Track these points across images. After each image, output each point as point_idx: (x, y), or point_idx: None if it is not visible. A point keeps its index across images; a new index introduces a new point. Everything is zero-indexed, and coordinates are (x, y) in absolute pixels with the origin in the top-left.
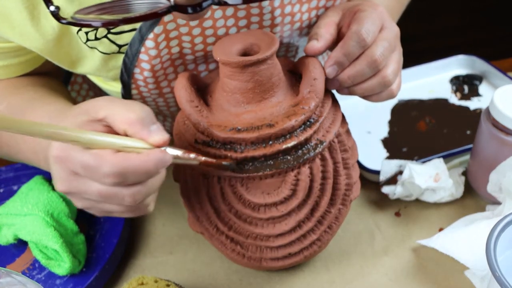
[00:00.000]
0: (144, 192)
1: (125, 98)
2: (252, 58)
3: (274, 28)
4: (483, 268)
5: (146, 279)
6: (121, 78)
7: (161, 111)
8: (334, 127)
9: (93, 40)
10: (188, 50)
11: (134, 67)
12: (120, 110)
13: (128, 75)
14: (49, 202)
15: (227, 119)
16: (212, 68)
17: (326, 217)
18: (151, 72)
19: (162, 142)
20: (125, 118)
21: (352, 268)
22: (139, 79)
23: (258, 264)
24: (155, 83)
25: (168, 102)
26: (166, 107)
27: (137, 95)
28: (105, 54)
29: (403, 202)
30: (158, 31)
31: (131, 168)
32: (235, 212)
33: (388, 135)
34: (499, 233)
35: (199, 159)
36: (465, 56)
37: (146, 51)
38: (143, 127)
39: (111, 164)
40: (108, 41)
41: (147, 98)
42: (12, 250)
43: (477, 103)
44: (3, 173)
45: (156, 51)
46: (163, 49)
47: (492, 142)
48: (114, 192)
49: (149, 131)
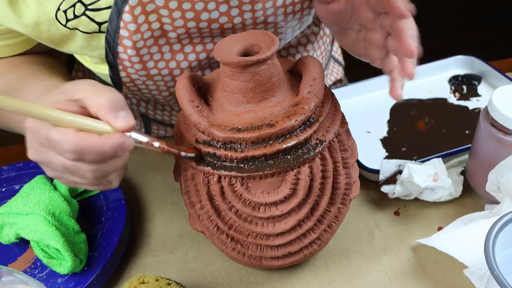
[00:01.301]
0: (104, 170)
1: (114, 81)
2: (252, 58)
3: (255, 5)
4: (482, 266)
5: (147, 278)
6: (107, 59)
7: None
8: (333, 126)
9: (73, 20)
10: (168, 26)
11: (117, 46)
12: (93, 94)
13: (113, 54)
14: (51, 202)
15: (228, 118)
16: (199, 50)
17: (326, 216)
18: (134, 50)
19: (127, 127)
20: (96, 101)
21: (352, 267)
22: (124, 58)
23: (258, 263)
24: (140, 62)
25: (158, 85)
26: (157, 91)
27: (126, 78)
28: (87, 34)
29: (403, 201)
30: (133, 3)
31: (88, 148)
32: (236, 211)
33: (388, 135)
34: (498, 232)
35: (162, 148)
36: (464, 57)
37: (125, 26)
38: (111, 112)
39: (71, 141)
40: (87, 19)
41: (137, 81)
42: (14, 249)
43: (476, 103)
44: (4, 173)
45: (135, 25)
46: (143, 24)
47: (491, 141)
48: (76, 167)
49: (116, 115)
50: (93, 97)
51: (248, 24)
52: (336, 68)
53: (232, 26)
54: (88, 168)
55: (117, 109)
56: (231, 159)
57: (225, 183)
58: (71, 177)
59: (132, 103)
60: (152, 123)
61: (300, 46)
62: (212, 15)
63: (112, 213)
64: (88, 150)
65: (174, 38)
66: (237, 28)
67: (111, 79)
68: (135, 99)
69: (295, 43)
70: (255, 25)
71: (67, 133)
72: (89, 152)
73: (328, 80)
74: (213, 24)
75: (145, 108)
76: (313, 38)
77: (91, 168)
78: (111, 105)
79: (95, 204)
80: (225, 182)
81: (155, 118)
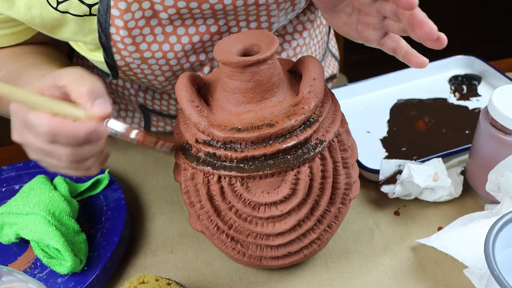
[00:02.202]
0: (79, 155)
1: (109, 65)
2: (252, 58)
3: None
4: (482, 266)
5: (147, 278)
6: (100, 41)
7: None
8: (333, 126)
9: (63, 2)
10: (159, 6)
11: (109, 26)
12: (75, 81)
13: (106, 36)
14: (51, 202)
15: (228, 118)
16: (192, 32)
17: (326, 216)
18: (126, 30)
19: (102, 114)
20: (77, 88)
21: (352, 267)
22: (117, 40)
23: (258, 262)
24: (133, 44)
25: (153, 69)
26: (153, 76)
27: (121, 61)
28: (78, 17)
29: (402, 201)
30: None
31: (61, 131)
32: (236, 211)
33: (388, 135)
34: (498, 231)
35: (138, 140)
36: (464, 57)
37: (116, 4)
38: (88, 99)
39: (46, 124)
40: (77, 1)
41: (132, 65)
42: (14, 249)
43: (476, 103)
44: (4, 172)
45: (126, 4)
46: (133, 3)
47: (491, 141)
48: (51, 150)
49: (93, 103)
50: (74, 84)
51: (239, 6)
52: (333, 63)
53: (223, 7)
54: (63, 151)
55: (95, 97)
56: (231, 159)
57: (225, 183)
58: (50, 160)
59: (130, 94)
60: (152, 114)
61: (296, 33)
62: None
63: (112, 213)
64: (61, 133)
65: (165, 19)
66: (228, 10)
67: (107, 63)
68: (133, 90)
69: (291, 30)
70: (246, 6)
71: (42, 116)
72: (62, 136)
73: (325, 73)
74: (203, 5)
75: (143, 98)
76: (309, 25)
77: (66, 152)
78: (90, 93)
79: (95, 204)
80: (225, 182)
81: (153, 108)
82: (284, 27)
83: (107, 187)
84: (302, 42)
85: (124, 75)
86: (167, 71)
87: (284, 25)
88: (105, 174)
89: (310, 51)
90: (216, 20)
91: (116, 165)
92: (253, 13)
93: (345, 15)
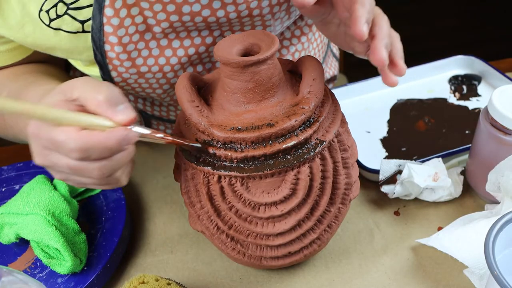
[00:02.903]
0: (110, 167)
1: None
2: (252, 58)
3: None
4: (482, 266)
5: (147, 278)
6: (96, 59)
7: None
8: (333, 126)
9: (55, 19)
10: (152, 20)
11: (103, 44)
12: (90, 91)
13: (101, 54)
14: (51, 202)
15: (228, 118)
16: (187, 45)
17: (326, 216)
18: (121, 46)
19: (128, 120)
20: (93, 98)
21: (352, 267)
22: (112, 57)
23: (258, 262)
24: (129, 59)
25: (151, 83)
26: (151, 89)
27: (118, 78)
28: (71, 34)
29: (402, 201)
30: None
31: (93, 144)
32: (236, 211)
33: (388, 135)
34: (498, 231)
35: (166, 139)
36: (464, 57)
37: (109, 21)
38: (109, 107)
39: (75, 140)
40: (70, 18)
41: (129, 80)
42: (14, 249)
43: (476, 103)
44: (4, 173)
45: (118, 20)
46: (126, 18)
47: (491, 141)
48: (82, 166)
49: (115, 110)
50: (90, 94)
51: (232, 18)
52: (334, 63)
53: (216, 19)
54: (94, 166)
55: (115, 103)
56: (231, 159)
57: (225, 183)
58: (78, 178)
59: (130, 100)
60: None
61: (294, 38)
62: (194, 8)
63: (112, 213)
64: (93, 146)
65: (159, 33)
66: (222, 22)
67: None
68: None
69: (289, 35)
70: (240, 18)
71: (70, 132)
72: (94, 149)
73: (326, 74)
74: (196, 18)
75: (142, 105)
76: (307, 30)
77: (97, 166)
78: (109, 101)
79: (95, 204)
80: (225, 182)
81: (153, 114)
82: (282, 33)
83: None
84: (301, 47)
85: (123, 90)
86: (164, 84)
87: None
88: None
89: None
90: (210, 32)
91: None
92: (248, 24)
93: (334, 26)
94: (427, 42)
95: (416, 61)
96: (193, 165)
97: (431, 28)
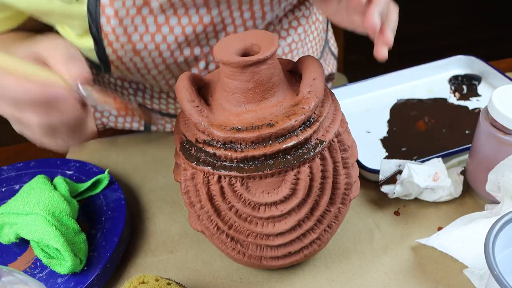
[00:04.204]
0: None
1: (101, 59)
2: (252, 58)
3: None
4: (482, 266)
5: (147, 278)
6: (91, 31)
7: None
8: (333, 126)
9: None
10: None
11: (99, 16)
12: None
13: (97, 27)
14: (51, 202)
15: (228, 118)
16: (185, 23)
17: (326, 216)
18: (117, 19)
19: (75, 77)
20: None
21: (352, 267)
22: (108, 32)
23: (258, 263)
24: (125, 34)
25: (146, 62)
26: (146, 70)
27: (113, 55)
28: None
29: (402, 201)
30: None
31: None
32: (236, 211)
33: (388, 135)
34: (498, 231)
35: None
36: (464, 56)
37: None
38: (62, 64)
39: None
40: None
41: (124, 59)
42: (13, 249)
43: (476, 103)
44: (4, 172)
45: None
46: None
47: (491, 141)
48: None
49: (66, 67)
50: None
51: None
52: (332, 61)
53: None
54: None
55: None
56: (231, 159)
57: (225, 183)
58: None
59: (129, 94)
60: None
61: (291, 29)
62: None
63: (112, 213)
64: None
65: (157, 8)
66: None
67: (98, 58)
68: (132, 89)
69: (286, 25)
70: None
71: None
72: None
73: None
74: None
75: (142, 98)
76: (303, 21)
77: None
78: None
79: (95, 204)
80: (225, 182)
81: (152, 107)
82: (280, 21)
83: (107, 187)
84: (298, 38)
85: (117, 69)
86: (160, 63)
87: (280, 18)
88: (105, 174)
89: (306, 48)
90: (209, 9)
91: (116, 165)
92: (246, 1)
93: (335, 2)
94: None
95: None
96: (193, 165)
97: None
